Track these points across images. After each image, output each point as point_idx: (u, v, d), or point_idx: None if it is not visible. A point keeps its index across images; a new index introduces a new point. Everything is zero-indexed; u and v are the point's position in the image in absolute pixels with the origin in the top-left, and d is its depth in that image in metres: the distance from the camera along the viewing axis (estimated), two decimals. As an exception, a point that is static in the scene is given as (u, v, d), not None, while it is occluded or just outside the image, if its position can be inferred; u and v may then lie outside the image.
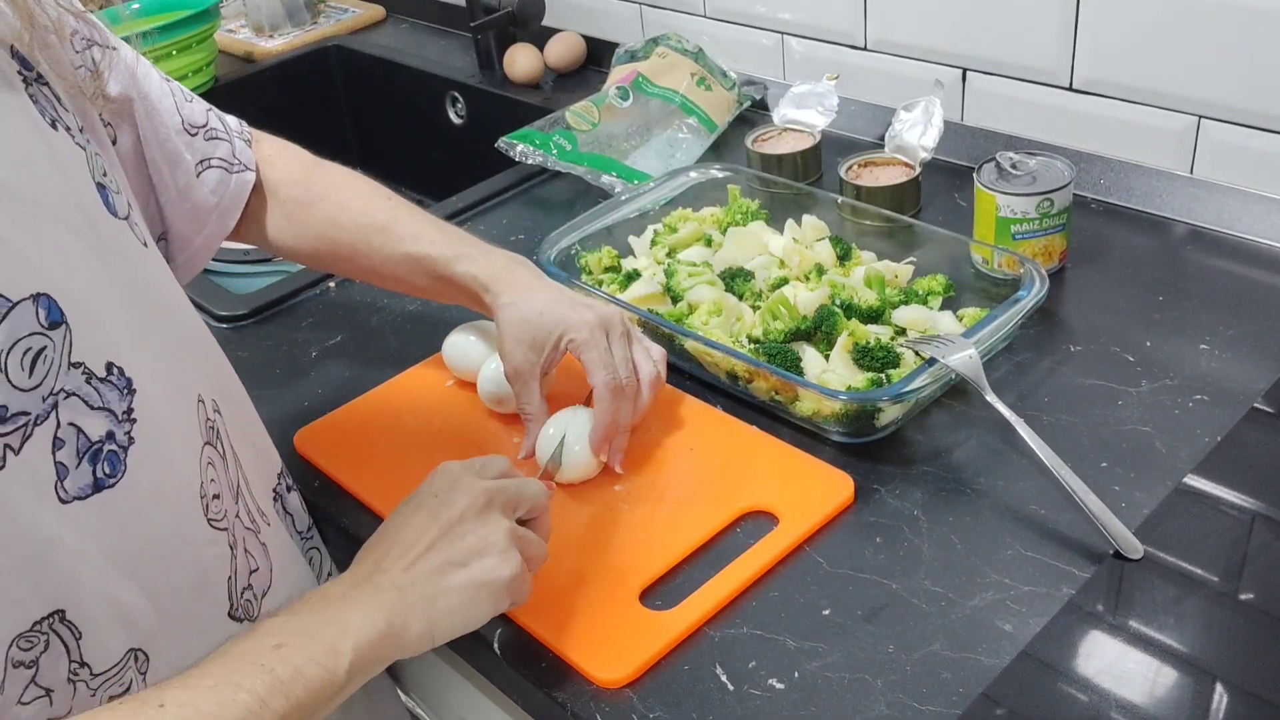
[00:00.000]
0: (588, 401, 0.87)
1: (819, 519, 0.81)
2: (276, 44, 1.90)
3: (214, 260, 1.31)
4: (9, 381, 0.56)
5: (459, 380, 1.00)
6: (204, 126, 0.88)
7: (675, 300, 1.03)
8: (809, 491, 0.83)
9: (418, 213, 0.95)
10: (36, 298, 0.58)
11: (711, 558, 0.80)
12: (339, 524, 0.89)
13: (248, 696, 0.56)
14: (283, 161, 0.95)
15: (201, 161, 0.88)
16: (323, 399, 1.02)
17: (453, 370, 0.99)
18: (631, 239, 1.15)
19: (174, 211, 0.87)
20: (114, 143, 0.79)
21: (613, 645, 0.74)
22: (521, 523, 0.73)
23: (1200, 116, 1.08)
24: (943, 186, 1.21)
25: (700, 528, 0.82)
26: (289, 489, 0.86)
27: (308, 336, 1.12)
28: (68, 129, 0.66)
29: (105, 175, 0.68)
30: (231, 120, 0.93)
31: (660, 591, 0.78)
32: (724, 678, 0.72)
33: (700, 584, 0.77)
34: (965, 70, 1.24)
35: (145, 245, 0.70)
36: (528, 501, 0.72)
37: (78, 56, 0.73)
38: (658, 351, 0.90)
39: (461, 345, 0.98)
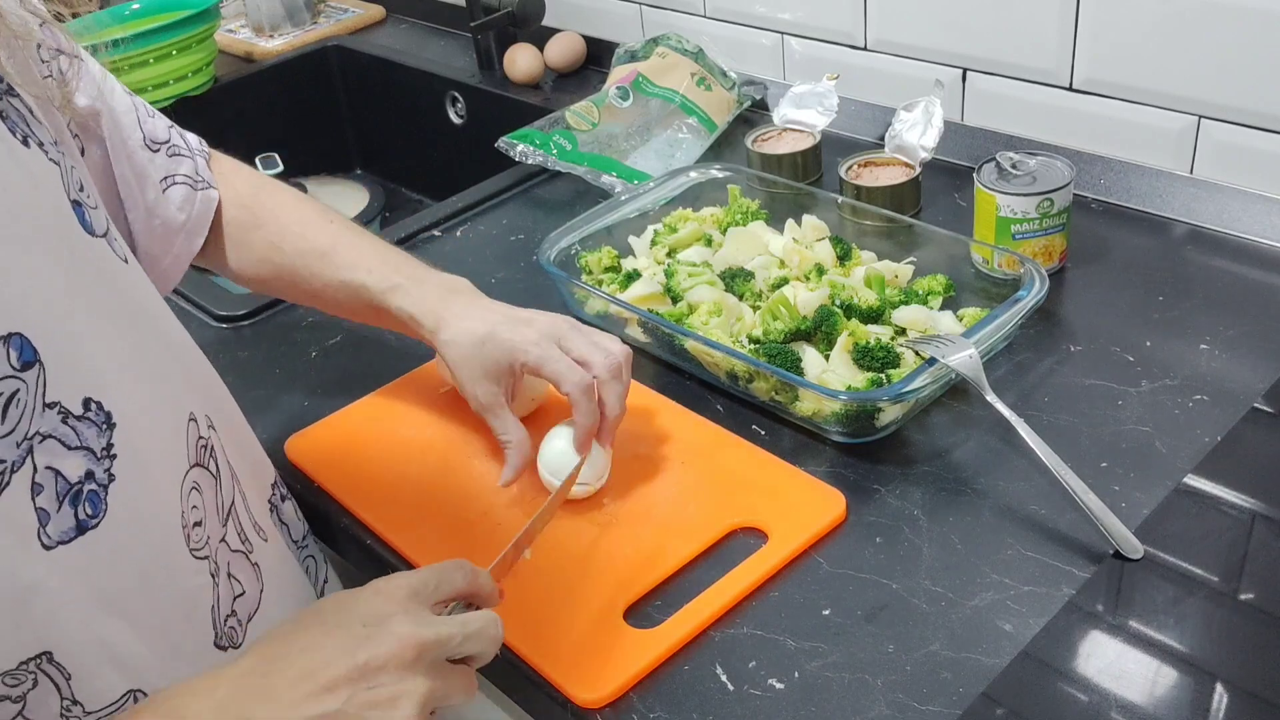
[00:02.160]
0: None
1: (809, 537, 0.81)
2: (276, 44, 1.90)
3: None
4: None
5: (453, 389, 0.99)
6: (166, 143, 0.87)
7: (675, 300, 1.03)
8: (800, 508, 0.83)
9: (360, 238, 0.92)
10: (8, 338, 0.56)
11: (698, 575, 0.79)
12: (340, 524, 0.89)
13: None
14: (233, 180, 0.93)
15: (166, 178, 0.86)
16: (322, 400, 1.02)
17: (446, 379, 0.98)
18: (631, 239, 1.15)
19: (142, 228, 0.85)
20: (82, 154, 0.77)
21: (594, 663, 0.73)
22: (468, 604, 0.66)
23: (1200, 116, 1.08)
24: (943, 186, 1.21)
25: (689, 544, 0.81)
26: (284, 498, 0.85)
27: (307, 337, 1.12)
28: (40, 144, 0.64)
29: (81, 190, 0.66)
30: (192, 137, 0.92)
31: (645, 609, 0.77)
32: (724, 678, 0.72)
33: (685, 602, 0.77)
34: (965, 70, 1.24)
35: (125, 261, 0.69)
36: (469, 650, 0.62)
37: (44, 66, 0.70)
38: (616, 344, 0.86)
39: None
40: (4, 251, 0.58)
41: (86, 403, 0.60)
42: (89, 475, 0.60)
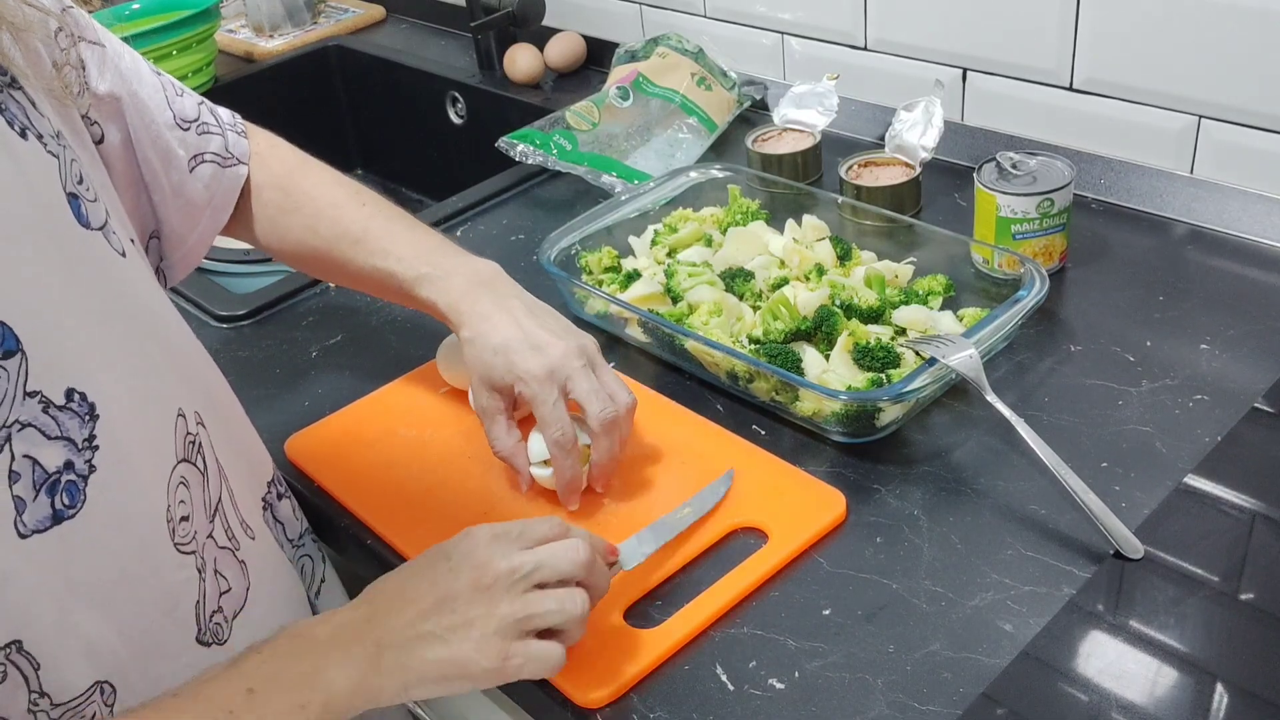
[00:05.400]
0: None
1: (809, 537, 0.80)
2: (276, 44, 1.90)
3: (213, 260, 1.31)
4: None
5: (452, 388, 0.99)
6: (196, 120, 0.87)
7: (675, 300, 1.03)
8: (800, 508, 0.83)
9: (393, 221, 0.91)
10: None
11: (698, 575, 0.79)
12: (340, 524, 0.89)
13: None
14: (269, 161, 0.93)
15: (195, 156, 0.86)
16: (323, 399, 1.02)
17: (446, 378, 0.98)
18: (631, 239, 1.15)
19: (167, 209, 0.85)
20: (101, 140, 0.77)
21: (594, 663, 0.73)
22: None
23: (1200, 116, 1.08)
24: (943, 186, 1.21)
25: (689, 545, 0.81)
26: (280, 497, 0.85)
27: (308, 336, 1.12)
28: (39, 136, 0.64)
29: (80, 183, 0.67)
30: (224, 113, 0.92)
31: (645, 609, 0.77)
32: (724, 678, 0.72)
33: (685, 603, 0.77)
34: (965, 70, 1.24)
35: (123, 255, 0.69)
36: (546, 576, 0.68)
37: (63, 54, 0.71)
38: (622, 394, 0.85)
39: (455, 354, 0.97)
40: None
41: (69, 393, 0.60)
42: (68, 465, 0.60)
